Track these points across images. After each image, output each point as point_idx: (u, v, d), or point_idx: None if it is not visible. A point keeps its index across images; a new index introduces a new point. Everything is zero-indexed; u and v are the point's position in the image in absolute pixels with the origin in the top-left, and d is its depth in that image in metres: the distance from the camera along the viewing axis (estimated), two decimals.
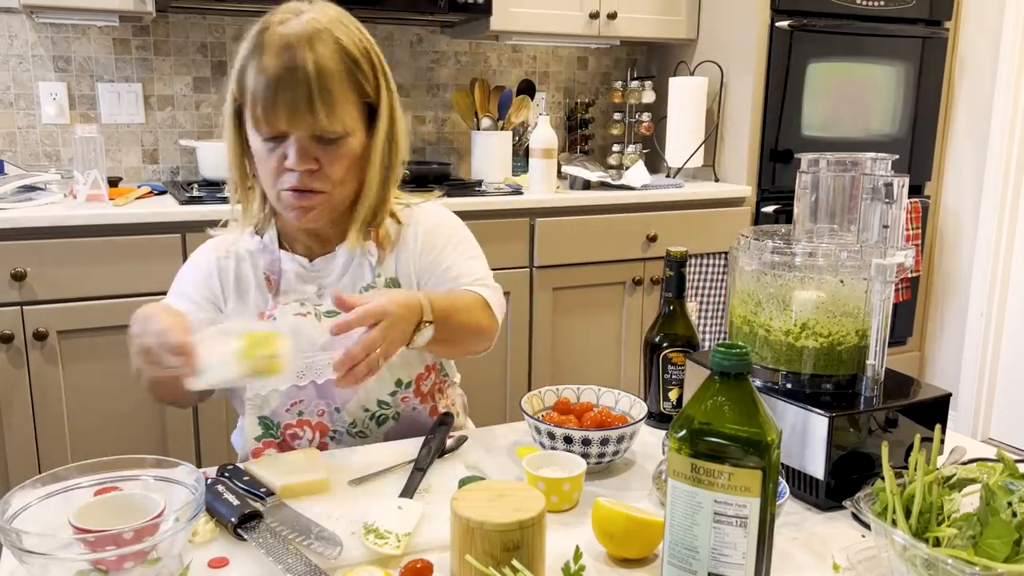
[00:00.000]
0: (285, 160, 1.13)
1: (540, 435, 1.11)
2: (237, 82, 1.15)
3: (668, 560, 0.80)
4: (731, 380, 0.77)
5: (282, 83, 1.09)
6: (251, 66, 1.12)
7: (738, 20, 2.85)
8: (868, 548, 0.89)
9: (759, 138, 2.86)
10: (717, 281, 2.82)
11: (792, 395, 1.04)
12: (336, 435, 1.26)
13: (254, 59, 1.12)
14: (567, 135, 3.25)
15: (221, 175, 2.48)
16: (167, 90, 2.65)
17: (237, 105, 1.17)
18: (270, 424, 1.24)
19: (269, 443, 1.25)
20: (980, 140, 3.20)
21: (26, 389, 2.03)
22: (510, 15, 2.70)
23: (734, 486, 0.75)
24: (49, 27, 2.49)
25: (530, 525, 0.79)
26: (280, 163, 1.14)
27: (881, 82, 3.00)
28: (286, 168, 1.14)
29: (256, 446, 1.25)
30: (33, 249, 1.98)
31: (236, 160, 1.21)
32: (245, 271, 1.25)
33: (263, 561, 0.86)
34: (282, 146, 1.14)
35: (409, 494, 1.01)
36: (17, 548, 0.75)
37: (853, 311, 1.03)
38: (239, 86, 1.15)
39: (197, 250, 1.31)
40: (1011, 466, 0.87)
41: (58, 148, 2.56)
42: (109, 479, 0.88)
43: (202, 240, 2.11)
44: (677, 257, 1.26)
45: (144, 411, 2.15)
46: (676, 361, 1.27)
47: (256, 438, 1.25)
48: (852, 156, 1.08)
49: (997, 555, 0.75)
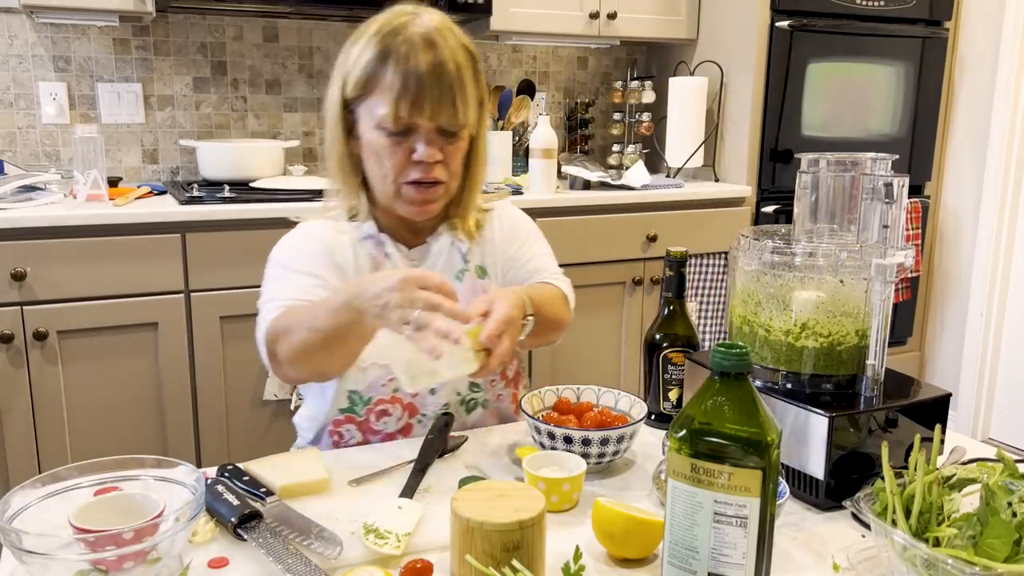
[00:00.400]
0: (412, 154, 1.20)
1: (540, 435, 1.11)
2: (359, 82, 1.20)
3: (668, 560, 0.80)
4: (731, 380, 0.77)
5: (431, 79, 1.16)
6: (388, 65, 1.17)
7: (738, 20, 2.85)
8: (868, 548, 0.89)
9: (759, 138, 2.86)
10: (717, 281, 2.82)
11: (792, 395, 1.04)
12: (423, 419, 1.28)
13: (392, 58, 1.17)
14: (567, 135, 3.25)
15: (221, 175, 2.49)
16: (167, 90, 2.65)
17: (346, 103, 1.23)
18: (358, 399, 1.26)
19: (350, 418, 1.27)
20: (980, 140, 3.20)
21: (26, 389, 2.03)
22: (510, 15, 2.70)
23: (734, 486, 0.75)
24: (49, 27, 2.49)
25: (530, 525, 0.79)
26: (406, 157, 1.20)
27: (881, 82, 3.00)
28: (413, 161, 1.20)
29: (337, 417, 1.27)
30: (33, 249, 1.98)
31: (341, 155, 1.26)
32: (355, 253, 1.28)
33: (263, 561, 0.86)
34: (408, 140, 1.20)
35: (409, 494, 1.01)
36: (17, 548, 0.75)
37: (853, 311, 1.03)
38: (362, 85, 1.20)
39: (299, 234, 1.31)
40: (1011, 466, 0.87)
41: (58, 148, 2.56)
42: (109, 479, 0.88)
43: (202, 240, 2.14)
44: (677, 257, 1.26)
45: (144, 411, 2.16)
46: (676, 361, 1.27)
47: (341, 410, 1.27)
48: (852, 156, 1.08)
49: (997, 555, 0.75)
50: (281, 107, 2.80)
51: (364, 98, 1.20)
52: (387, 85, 1.17)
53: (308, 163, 2.84)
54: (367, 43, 1.19)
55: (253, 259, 2.17)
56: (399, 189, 1.22)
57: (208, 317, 2.16)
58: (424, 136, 1.19)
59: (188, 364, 2.17)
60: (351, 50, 1.22)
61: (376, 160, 1.22)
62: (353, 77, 1.20)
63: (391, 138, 1.19)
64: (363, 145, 1.24)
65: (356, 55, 1.20)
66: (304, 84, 2.82)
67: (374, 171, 1.24)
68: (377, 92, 1.18)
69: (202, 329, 2.16)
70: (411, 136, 1.20)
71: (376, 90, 1.18)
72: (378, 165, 1.23)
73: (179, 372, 2.16)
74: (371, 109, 1.20)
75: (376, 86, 1.18)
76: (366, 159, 1.25)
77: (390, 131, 1.19)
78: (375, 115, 1.19)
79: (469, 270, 1.33)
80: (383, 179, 1.23)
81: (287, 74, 2.79)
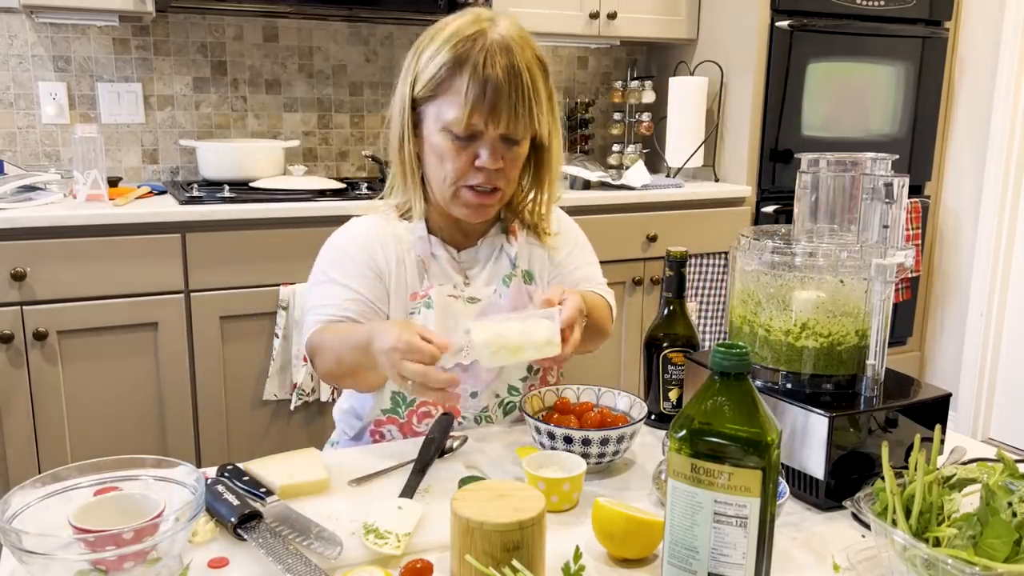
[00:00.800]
0: (475, 159, 1.21)
1: (540, 435, 1.11)
2: (431, 84, 1.21)
3: (668, 560, 0.80)
4: (731, 380, 0.77)
5: (506, 88, 1.17)
6: (464, 70, 1.18)
7: (738, 20, 2.85)
8: (868, 548, 0.89)
9: (759, 138, 2.86)
10: (717, 281, 2.82)
11: (792, 395, 1.04)
12: (464, 422, 1.30)
13: (468, 64, 1.17)
14: (567, 135, 3.25)
15: (221, 175, 2.49)
16: (167, 90, 2.65)
17: (414, 103, 1.24)
18: (401, 400, 1.29)
19: (392, 419, 1.30)
20: (980, 140, 3.20)
21: (26, 389, 2.03)
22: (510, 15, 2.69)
23: (734, 486, 0.75)
24: (49, 27, 2.49)
25: (530, 525, 0.79)
26: (469, 161, 1.22)
27: (881, 82, 3.00)
28: (476, 167, 1.22)
29: (379, 417, 1.30)
30: (33, 249, 1.98)
31: (403, 154, 1.27)
32: (402, 252, 1.29)
33: (263, 561, 0.86)
34: (472, 145, 1.21)
35: (409, 494, 1.01)
36: (17, 548, 0.75)
37: (853, 311, 1.03)
38: (434, 87, 1.20)
39: (348, 233, 1.32)
40: (1011, 466, 0.87)
41: (58, 148, 2.56)
42: (109, 479, 0.88)
43: (202, 240, 2.14)
44: (677, 257, 1.26)
45: (144, 411, 2.16)
46: (676, 361, 1.27)
47: (383, 410, 1.30)
48: (852, 156, 1.08)
49: (997, 555, 0.75)
50: (281, 107, 2.80)
51: (433, 99, 1.21)
52: (460, 90, 1.18)
53: (308, 163, 2.84)
54: (442, 45, 1.20)
55: (253, 259, 2.18)
56: (457, 191, 1.24)
57: (208, 317, 2.16)
58: (489, 143, 1.20)
59: (188, 364, 2.17)
60: (424, 51, 1.22)
61: (438, 161, 1.23)
62: (424, 77, 1.21)
63: (456, 142, 1.21)
64: (426, 145, 1.25)
65: (429, 56, 1.21)
66: (304, 84, 2.82)
67: (435, 171, 1.25)
68: (449, 95, 1.19)
69: (202, 329, 2.16)
70: (476, 142, 1.21)
71: (448, 93, 1.19)
72: (439, 166, 1.24)
73: (179, 372, 2.16)
74: (439, 111, 1.21)
75: (448, 89, 1.19)
76: (427, 158, 1.26)
77: (457, 135, 1.20)
78: (443, 118, 1.20)
79: (516, 275, 1.34)
80: (443, 180, 1.24)
81: (287, 74, 2.79)
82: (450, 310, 1.28)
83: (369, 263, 1.27)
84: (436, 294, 1.28)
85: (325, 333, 1.21)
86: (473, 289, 1.31)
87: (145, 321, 2.11)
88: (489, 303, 1.31)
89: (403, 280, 1.28)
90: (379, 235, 1.30)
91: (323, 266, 1.29)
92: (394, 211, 1.33)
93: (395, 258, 1.29)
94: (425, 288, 1.28)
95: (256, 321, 2.21)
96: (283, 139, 2.78)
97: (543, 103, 1.22)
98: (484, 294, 1.31)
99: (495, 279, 1.33)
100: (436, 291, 1.28)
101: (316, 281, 1.29)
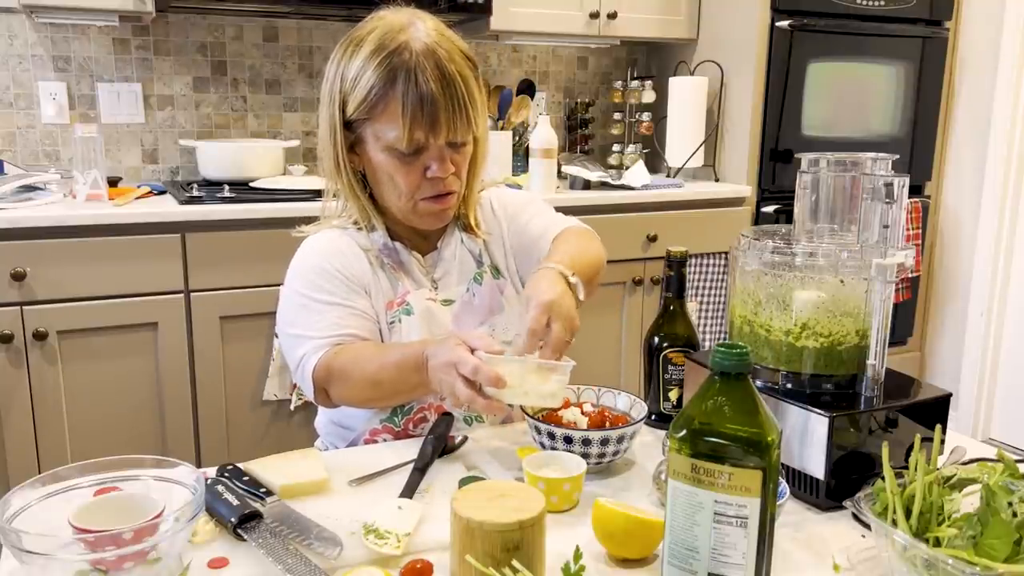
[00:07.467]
0: (426, 171, 1.20)
1: (540, 435, 1.11)
2: (365, 105, 1.17)
3: (668, 560, 0.80)
4: (731, 380, 0.77)
5: (443, 97, 1.15)
6: (396, 88, 1.15)
7: (738, 20, 2.85)
8: (868, 548, 0.89)
9: (759, 138, 2.86)
10: (717, 281, 2.81)
11: (792, 395, 1.04)
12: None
13: (398, 80, 1.15)
14: (567, 135, 3.24)
15: (221, 175, 2.49)
16: (167, 90, 2.65)
17: (344, 124, 1.21)
18: (399, 410, 1.27)
19: (388, 428, 1.28)
20: (980, 140, 3.20)
21: (26, 389, 2.03)
22: (510, 15, 2.70)
23: (734, 486, 0.75)
24: (49, 27, 2.49)
25: (530, 525, 0.79)
26: (420, 175, 1.21)
27: (881, 82, 3.00)
28: (428, 178, 1.21)
29: (375, 427, 1.28)
30: (33, 249, 1.98)
31: (344, 172, 1.24)
32: (372, 262, 1.28)
33: (263, 561, 0.86)
34: (420, 158, 1.20)
35: (409, 494, 1.01)
36: (17, 548, 0.75)
37: (853, 311, 1.03)
38: (369, 108, 1.17)
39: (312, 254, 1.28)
40: (1011, 466, 0.87)
41: (58, 148, 2.56)
42: (109, 479, 0.88)
43: (202, 240, 2.14)
44: (677, 257, 1.26)
45: (144, 411, 2.16)
46: (676, 361, 1.27)
47: (381, 420, 1.27)
48: (852, 156, 1.08)
49: (997, 555, 0.75)
50: (281, 107, 2.80)
51: (369, 121, 1.19)
52: (396, 110, 1.16)
53: (308, 163, 2.84)
54: (366, 63, 1.16)
55: (253, 259, 2.18)
56: (415, 205, 1.24)
57: (208, 317, 2.16)
58: (435, 153, 1.20)
59: (188, 364, 2.17)
60: (347, 67, 1.18)
61: (388, 179, 1.22)
62: (356, 99, 1.18)
63: (403, 158, 1.20)
64: (371, 165, 1.23)
65: (355, 74, 1.17)
66: (304, 84, 2.82)
67: (387, 189, 1.24)
68: (386, 116, 1.17)
69: (202, 329, 2.16)
70: (422, 154, 1.20)
71: (385, 114, 1.17)
72: (391, 185, 1.23)
73: (179, 372, 2.16)
74: (378, 132, 1.19)
75: (385, 110, 1.17)
76: (376, 176, 1.24)
77: (402, 152, 1.18)
78: (384, 138, 1.18)
79: (485, 272, 1.34)
80: (398, 197, 1.23)
81: (287, 74, 2.79)
82: (431, 314, 1.27)
83: (351, 276, 1.25)
84: (414, 299, 1.27)
85: (343, 356, 1.16)
86: (444, 291, 1.31)
87: (145, 321, 2.11)
88: (462, 303, 1.31)
89: (380, 290, 1.27)
90: (348, 247, 1.27)
91: (301, 290, 1.24)
92: (351, 225, 1.30)
93: (368, 269, 1.27)
94: (401, 295, 1.27)
95: (256, 321, 2.21)
96: (283, 139, 2.78)
97: (478, 104, 1.21)
98: (456, 294, 1.31)
99: (464, 279, 1.32)
100: (413, 296, 1.27)
101: (298, 305, 1.23)
